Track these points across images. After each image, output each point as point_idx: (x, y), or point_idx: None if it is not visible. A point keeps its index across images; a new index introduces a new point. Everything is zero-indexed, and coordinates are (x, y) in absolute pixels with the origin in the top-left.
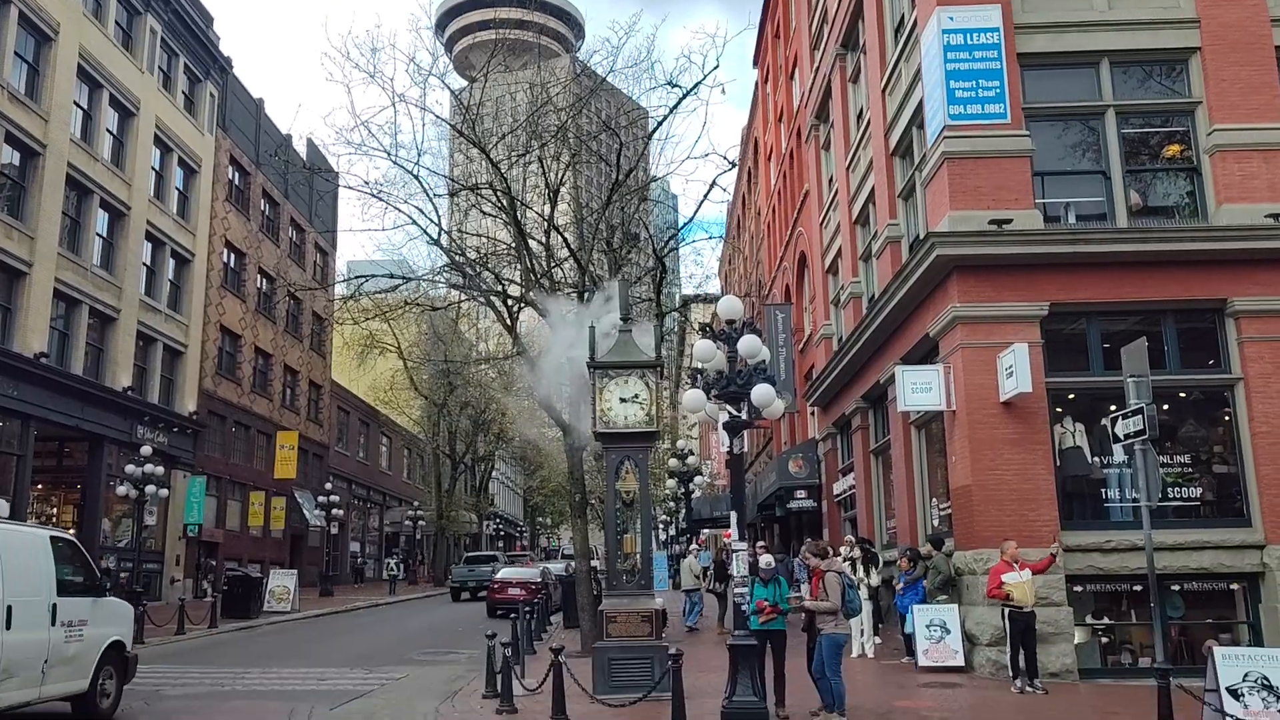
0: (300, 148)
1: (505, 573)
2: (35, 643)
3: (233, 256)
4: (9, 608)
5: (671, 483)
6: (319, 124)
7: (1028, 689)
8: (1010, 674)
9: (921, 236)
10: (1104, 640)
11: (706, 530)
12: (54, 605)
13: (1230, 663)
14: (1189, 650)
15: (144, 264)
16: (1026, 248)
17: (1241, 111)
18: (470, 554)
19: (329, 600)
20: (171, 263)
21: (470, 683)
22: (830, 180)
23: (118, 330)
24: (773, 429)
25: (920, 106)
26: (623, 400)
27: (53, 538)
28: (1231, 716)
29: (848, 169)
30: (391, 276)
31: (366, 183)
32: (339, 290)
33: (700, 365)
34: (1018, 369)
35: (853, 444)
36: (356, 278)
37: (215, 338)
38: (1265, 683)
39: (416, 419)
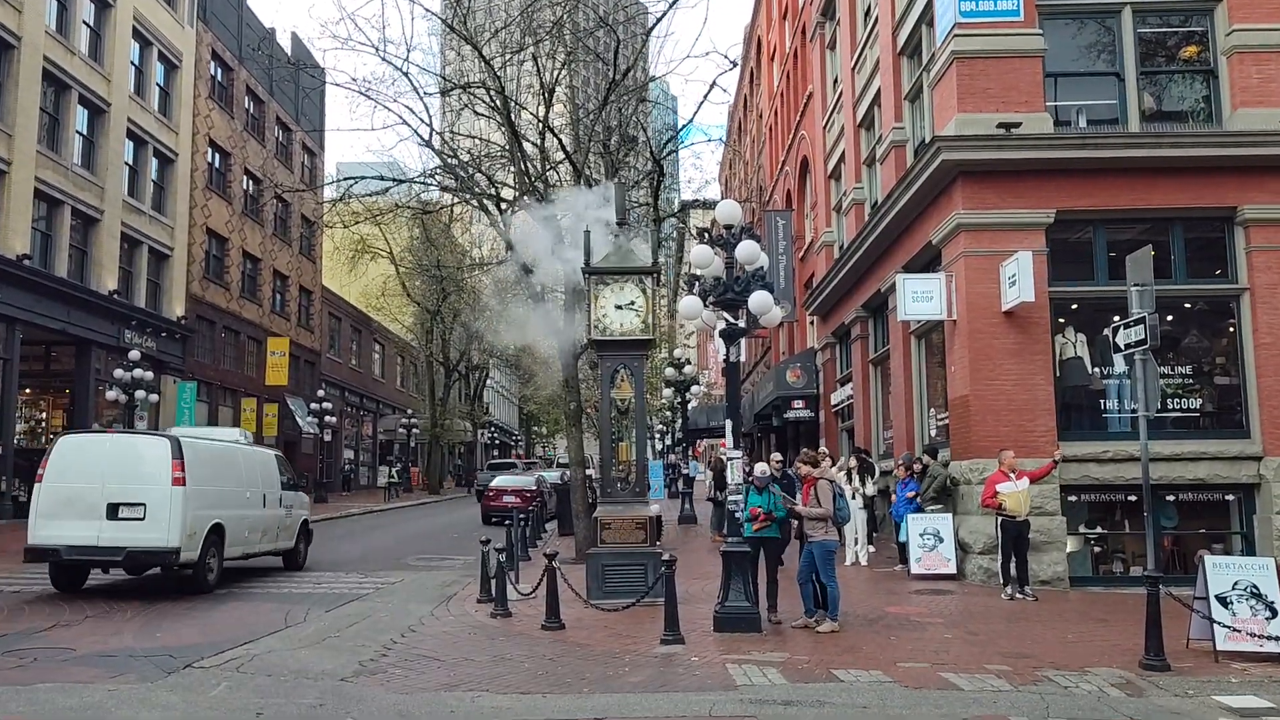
0: (285, 42)
1: (500, 480)
2: (274, 516)
3: (217, 156)
4: (264, 495)
5: (668, 392)
6: (303, 17)
7: (1018, 595)
8: (1001, 580)
9: (927, 140)
10: (1096, 550)
11: (704, 441)
12: (280, 495)
13: (1220, 571)
14: (1181, 560)
15: (126, 163)
16: (1035, 152)
17: (1262, 11)
18: (494, 460)
19: (323, 506)
20: (154, 162)
21: (465, 588)
22: (835, 82)
23: (101, 232)
24: (771, 338)
25: (930, 2)
26: (618, 307)
27: (276, 456)
28: (1219, 623)
29: (853, 69)
30: (382, 179)
31: (354, 80)
32: (328, 193)
33: (698, 271)
34: (1021, 278)
35: (851, 354)
36: (346, 179)
37: (201, 240)
38: (1254, 591)
39: (409, 326)
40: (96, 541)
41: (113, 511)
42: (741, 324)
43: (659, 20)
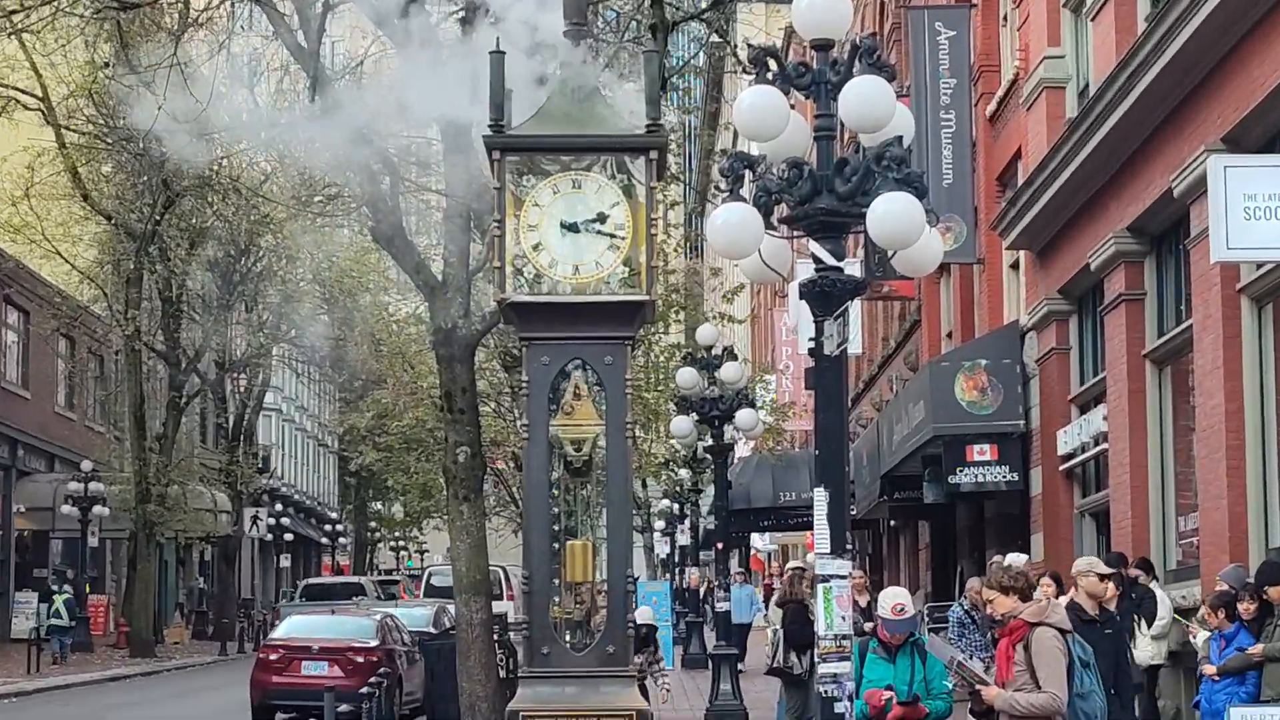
0: None
1: (294, 625)
2: None
3: None
4: None
5: (683, 424)
6: None
7: None
8: None
9: None
10: None
11: (762, 539)
12: None
13: None
14: None
15: None
16: None
17: None
18: (314, 582)
19: None
20: None
21: None
22: None
23: None
24: (921, 300)
25: None
26: (569, 227)
27: None
28: None
29: None
30: None
31: None
32: None
33: (751, 156)
34: None
35: (1106, 338)
36: None
37: None
38: None
39: (90, 270)
40: None
41: None
42: (853, 269)
43: None
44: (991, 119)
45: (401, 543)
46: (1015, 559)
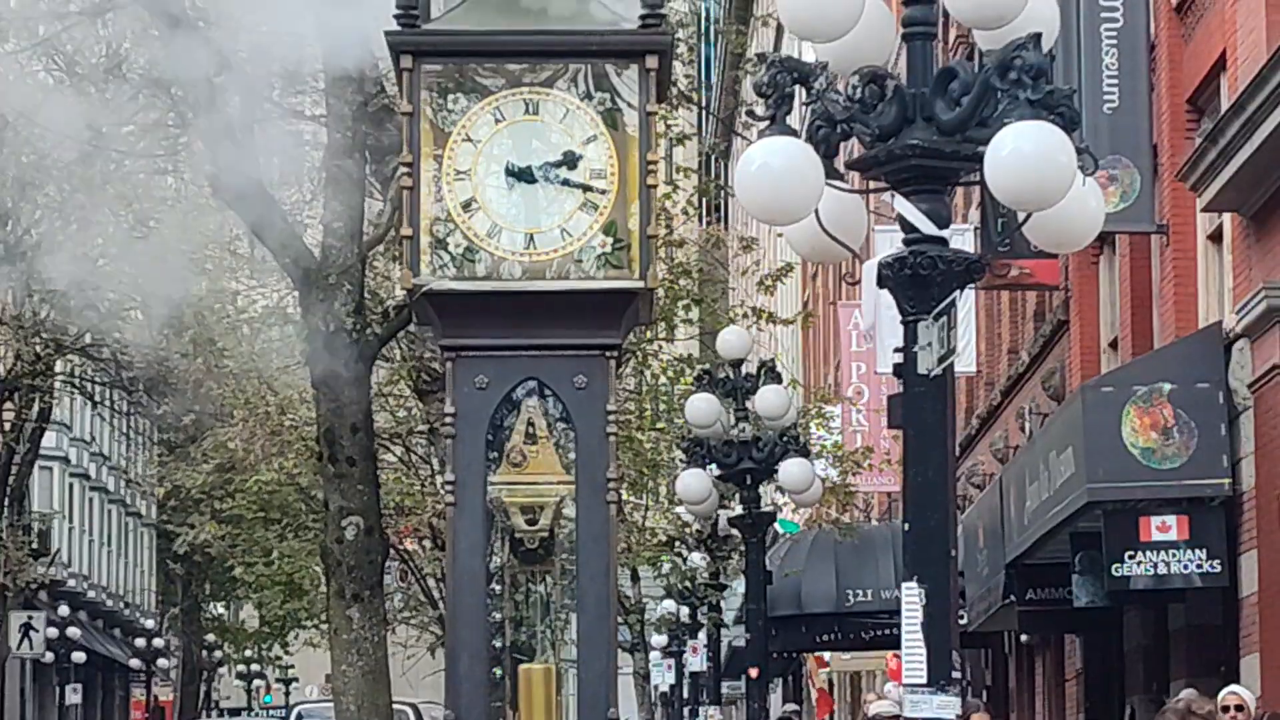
0: None
1: None
2: None
3: None
4: None
5: (694, 484)
6: None
7: None
8: None
9: None
10: None
11: (821, 669)
12: None
13: None
14: None
15: None
16: None
17: None
18: None
19: None
20: None
21: None
22: None
23: None
24: (1070, 291)
25: None
26: (520, 175)
27: None
28: None
29: None
30: None
31: None
32: None
33: (805, 64)
34: None
35: None
36: None
37: None
38: None
39: None
40: None
41: None
42: (955, 239)
43: None
44: (1180, 8)
45: (255, 666)
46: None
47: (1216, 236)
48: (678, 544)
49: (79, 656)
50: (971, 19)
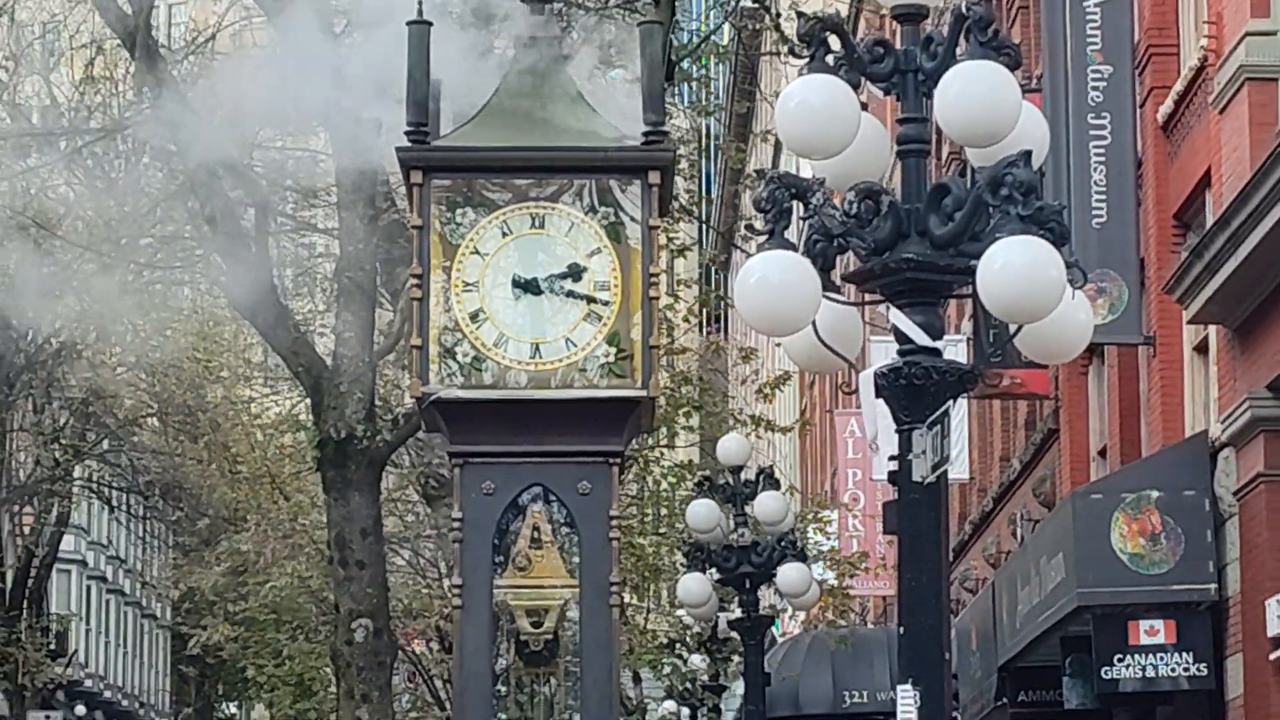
0: None
1: None
2: None
3: None
4: None
5: (695, 588)
6: None
7: None
8: None
9: None
10: None
11: None
12: None
13: None
14: None
15: None
16: None
17: None
18: None
19: None
20: None
21: None
22: None
23: None
24: (1060, 400)
25: None
26: (526, 286)
27: None
28: None
29: None
30: None
31: None
32: None
33: (803, 180)
34: None
35: None
36: None
37: None
38: None
39: None
40: None
41: None
42: (948, 350)
43: None
44: (1166, 127)
45: None
46: None
47: (1202, 348)
48: (678, 646)
49: None
50: (964, 137)
